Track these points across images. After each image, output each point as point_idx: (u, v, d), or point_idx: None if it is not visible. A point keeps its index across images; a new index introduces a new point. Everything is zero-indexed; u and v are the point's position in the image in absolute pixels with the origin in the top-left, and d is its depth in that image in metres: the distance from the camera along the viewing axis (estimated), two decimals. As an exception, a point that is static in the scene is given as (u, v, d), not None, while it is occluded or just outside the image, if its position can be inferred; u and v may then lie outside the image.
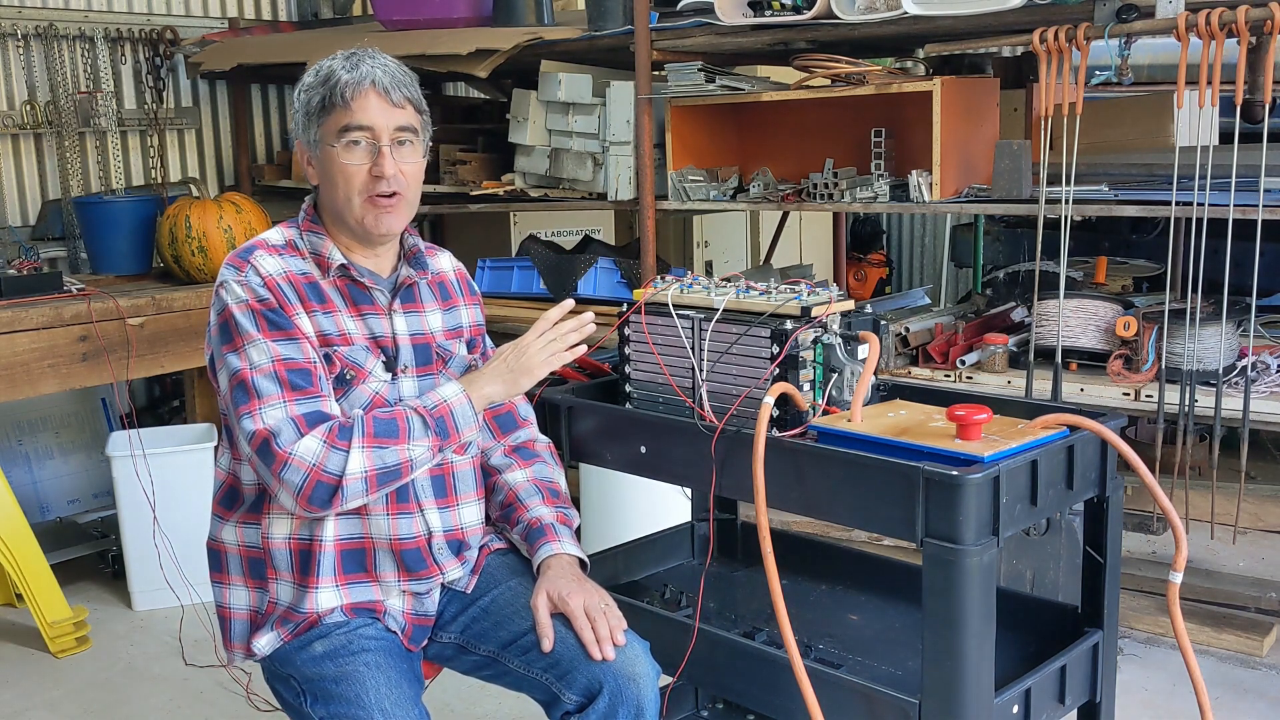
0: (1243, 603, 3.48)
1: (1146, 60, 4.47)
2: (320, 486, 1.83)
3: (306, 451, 1.83)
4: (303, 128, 1.98)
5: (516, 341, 2.01)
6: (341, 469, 1.83)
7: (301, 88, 1.97)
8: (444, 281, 2.15)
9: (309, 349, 1.91)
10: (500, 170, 4.42)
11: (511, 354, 1.99)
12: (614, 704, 1.89)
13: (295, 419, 1.85)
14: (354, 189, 1.94)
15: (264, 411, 1.84)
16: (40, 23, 4.47)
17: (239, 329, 1.89)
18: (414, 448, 1.89)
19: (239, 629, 2.02)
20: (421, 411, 1.91)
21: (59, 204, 4.53)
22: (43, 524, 4.42)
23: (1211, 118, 2.93)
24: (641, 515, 3.27)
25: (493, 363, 2.01)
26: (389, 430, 1.87)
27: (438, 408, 1.92)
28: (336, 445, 1.84)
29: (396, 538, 1.98)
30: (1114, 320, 3.32)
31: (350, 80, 1.91)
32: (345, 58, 1.95)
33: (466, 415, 1.94)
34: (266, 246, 1.97)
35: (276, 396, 1.85)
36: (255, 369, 1.86)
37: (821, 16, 3.36)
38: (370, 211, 1.95)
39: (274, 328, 1.89)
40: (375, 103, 1.92)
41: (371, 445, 1.85)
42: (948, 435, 1.81)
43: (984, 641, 1.72)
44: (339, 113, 1.92)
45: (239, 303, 1.90)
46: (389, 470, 1.87)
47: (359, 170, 1.93)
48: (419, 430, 1.89)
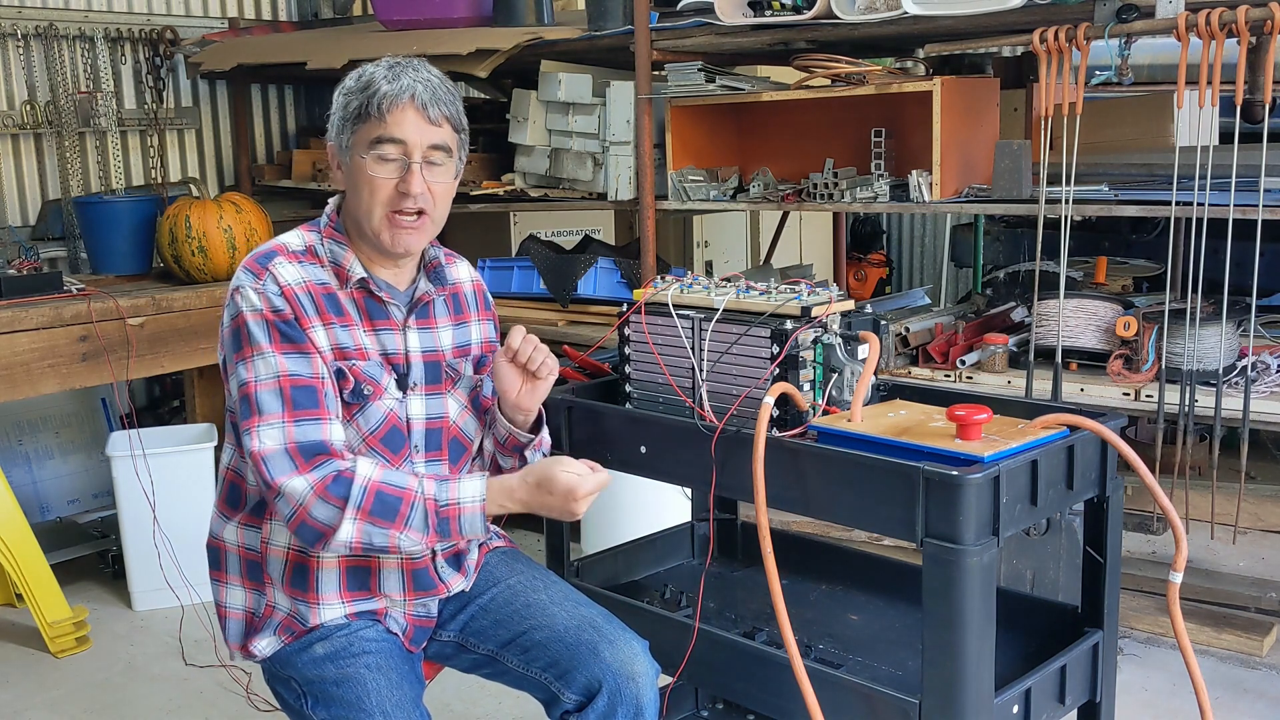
0: (1243, 603, 3.48)
1: (1146, 60, 4.47)
2: (305, 528, 1.81)
3: (294, 491, 1.80)
4: (336, 131, 1.93)
5: (568, 501, 1.84)
6: (330, 524, 1.79)
7: (341, 90, 1.93)
8: (459, 294, 2.11)
9: (319, 364, 1.87)
10: (500, 170, 4.42)
11: (558, 499, 1.84)
12: (613, 703, 1.89)
13: (290, 448, 1.81)
14: (377, 201, 1.89)
15: (262, 431, 1.82)
16: (40, 23, 4.46)
17: (250, 339, 1.86)
18: (406, 538, 1.83)
19: (234, 628, 2.01)
20: (429, 505, 1.83)
21: (59, 204, 4.53)
22: (43, 524, 4.42)
23: (1211, 118, 2.93)
24: (641, 515, 3.28)
25: (538, 496, 1.86)
26: (387, 513, 1.81)
27: (449, 506, 1.84)
28: (327, 499, 1.79)
29: (409, 557, 1.97)
30: (1114, 320, 3.32)
31: (389, 92, 1.87)
32: (389, 66, 1.91)
33: (475, 524, 1.85)
34: (286, 253, 1.93)
35: (277, 416, 1.82)
36: (260, 383, 1.84)
37: (821, 16, 3.36)
38: (388, 229, 1.91)
39: (286, 340, 1.86)
40: (412, 117, 1.87)
41: (364, 521, 1.80)
42: (948, 435, 1.81)
43: (984, 641, 1.72)
44: (373, 123, 1.88)
45: (254, 311, 1.86)
46: (374, 548, 1.84)
47: (385, 184, 1.89)
48: (419, 523, 1.83)
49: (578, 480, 1.84)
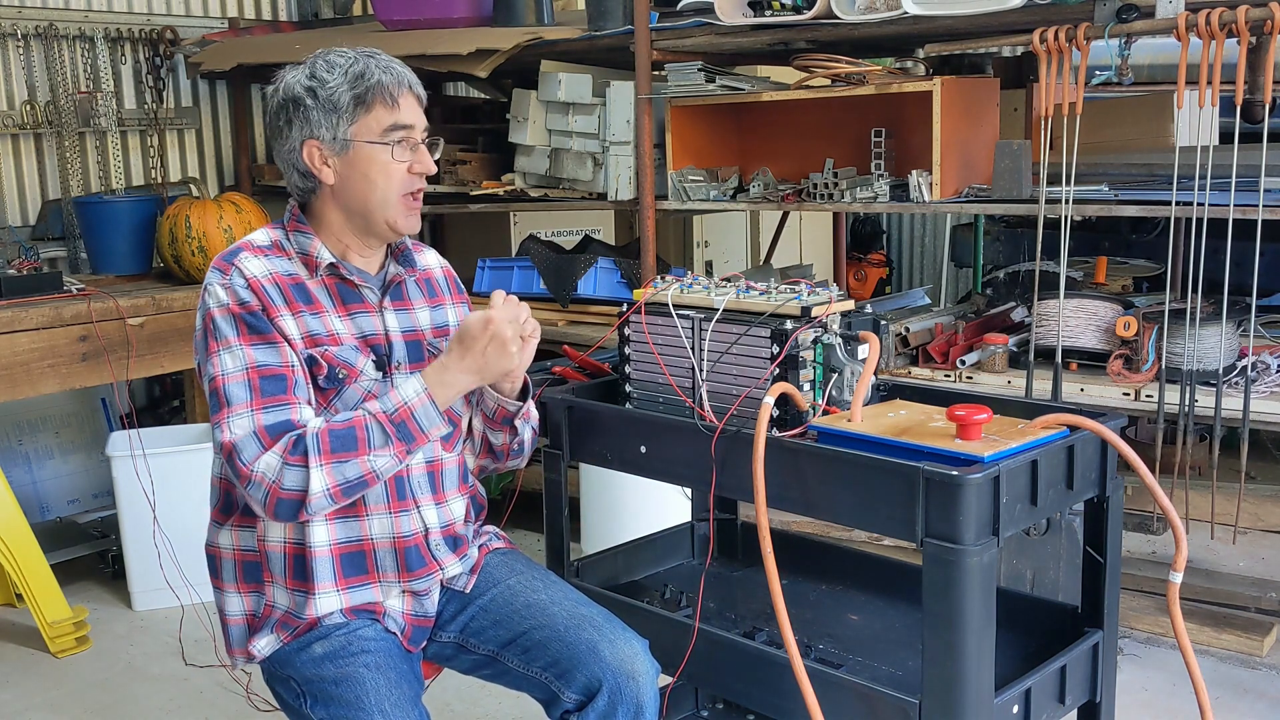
0: (1243, 603, 3.48)
1: (1146, 60, 4.47)
2: (282, 503, 1.81)
3: (266, 468, 1.81)
4: (324, 125, 1.92)
5: (487, 327, 1.87)
6: (301, 486, 1.80)
7: (318, 85, 1.92)
8: (430, 279, 2.14)
9: (288, 353, 1.89)
10: (500, 170, 4.42)
11: (492, 349, 1.87)
12: (613, 702, 1.89)
13: (259, 431, 1.83)
14: (393, 188, 1.95)
15: (231, 422, 1.83)
16: (40, 23, 4.46)
17: (218, 334, 1.88)
18: (376, 458, 1.84)
19: (237, 634, 2.01)
20: (380, 418, 1.84)
21: (59, 204, 4.53)
22: (43, 524, 4.42)
23: (1211, 118, 2.92)
24: (641, 515, 3.28)
25: (465, 355, 1.88)
26: (347, 443, 1.82)
27: (398, 411, 1.85)
28: (291, 462, 1.80)
29: (399, 535, 1.97)
30: (1114, 320, 3.32)
31: (391, 81, 1.93)
32: (368, 56, 1.94)
33: (430, 416, 1.87)
34: (252, 248, 1.96)
35: (245, 405, 1.84)
36: (228, 376, 1.86)
37: (821, 16, 3.36)
38: (403, 210, 1.97)
39: (252, 332, 1.88)
40: (413, 103, 1.97)
41: (330, 462, 1.81)
42: (948, 435, 1.81)
43: (984, 641, 1.72)
44: (384, 111, 1.92)
45: (220, 306, 1.89)
46: (352, 483, 1.83)
47: (400, 169, 1.95)
48: (379, 439, 1.84)
49: (487, 311, 1.88)
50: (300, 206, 2.02)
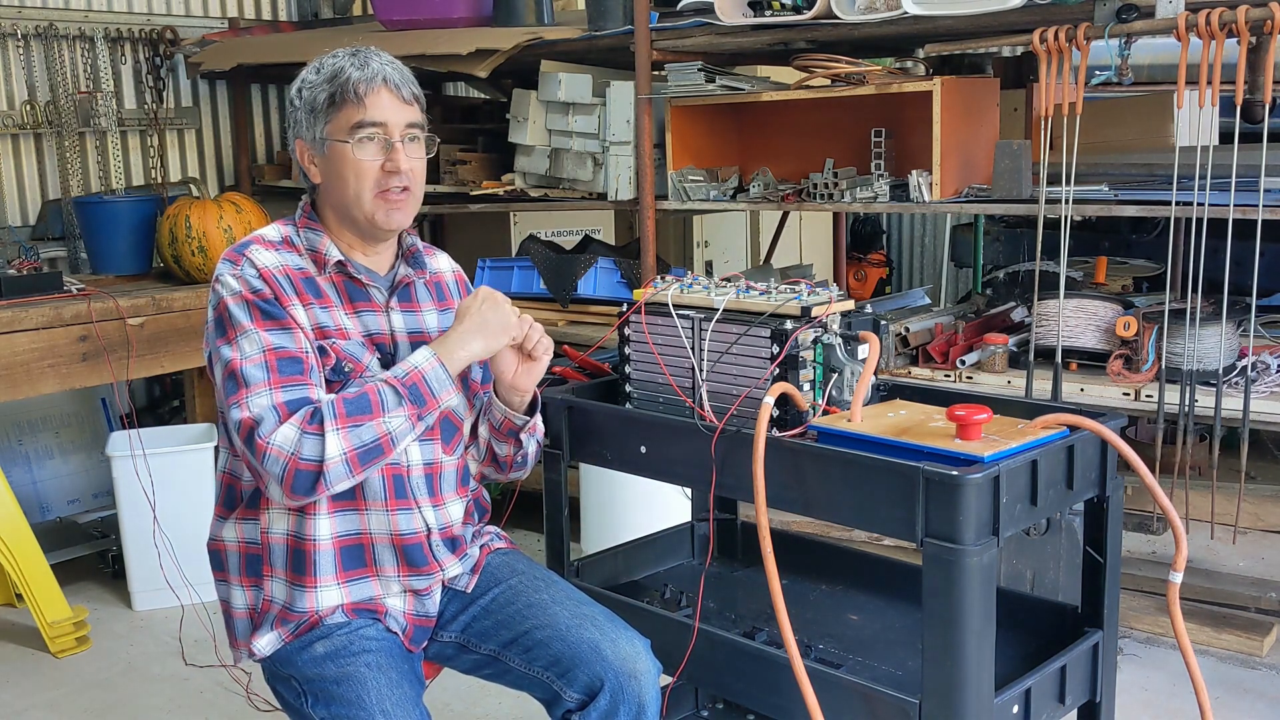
0: (1243, 603, 3.48)
1: (1146, 60, 4.47)
2: (300, 475, 1.81)
3: (285, 440, 1.81)
4: (306, 125, 1.97)
5: (477, 294, 1.98)
6: (319, 454, 1.80)
7: (304, 85, 1.97)
8: (440, 282, 2.15)
9: (302, 339, 1.90)
10: (500, 170, 4.42)
11: (487, 306, 1.96)
12: (615, 701, 1.89)
13: (278, 406, 1.83)
14: (365, 185, 1.94)
15: (250, 400, 1.84)
16: (40, 23, 4.47)
17: (233, 321, 1.89)
18: (390, 420, 1.85)
19: (241, 627, 2.02)
20: (392, 382, 1.87)
21: (59, 204, 4.53)
22: (43, 524, 4.42)
23: (1211, 118, 2.93)
24: (641, 515, 3.28)
25: (464, 320, 1.95)
26: (361, 407, 1.84)
27: (409, 375, 1.88)
28: (309, 431, 1.81)
29: (398, 533, 1.98)
30: (1114, 320, 3.32)
31: (362, 77, 1.92)
32: (351, 55, 1.96)
33: (440, 379, 1.90)
34: (263, 242, 1.98)
35: (263, 384, 1.84)
36: (246, 359, 1.86)
37: (821, 16, 3.36)
38: (381, 207, 1.96)
39: (267, 317, 1.89)
40: (387, 99, 1.94)
41: (346, 426, 1.82)
42: (948, 435, 1.81)
43: (984, 641, 1.72)
44: (351, 109, 1.92)
45: (233, 295, 1.90)
46: (369, 447, 1.84)
47: (371, 166, 1.94)
48: (392, 401, 1.86)
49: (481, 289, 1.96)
50: (311, 204, 2.05)
